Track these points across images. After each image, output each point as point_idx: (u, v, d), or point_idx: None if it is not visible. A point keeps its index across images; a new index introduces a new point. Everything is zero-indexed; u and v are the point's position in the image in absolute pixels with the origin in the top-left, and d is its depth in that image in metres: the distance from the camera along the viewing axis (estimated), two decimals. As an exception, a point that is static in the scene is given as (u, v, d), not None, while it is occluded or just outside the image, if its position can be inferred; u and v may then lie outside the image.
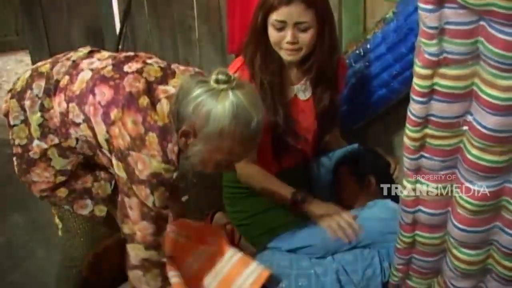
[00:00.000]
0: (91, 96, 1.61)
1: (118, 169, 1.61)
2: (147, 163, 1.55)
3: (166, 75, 1.66)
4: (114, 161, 1.61)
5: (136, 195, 1.60)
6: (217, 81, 1.50)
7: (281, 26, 1.87)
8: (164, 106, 1.58)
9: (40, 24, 4.25)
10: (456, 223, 1.52)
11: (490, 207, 1.46)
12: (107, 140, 1.60)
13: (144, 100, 1.57)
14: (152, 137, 1.55)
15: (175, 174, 1.60)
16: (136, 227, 1.65)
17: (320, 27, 1.89)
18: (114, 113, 1.57)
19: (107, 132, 1.58)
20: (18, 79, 1.81)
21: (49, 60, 1.80)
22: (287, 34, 1.87)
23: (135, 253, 1.69)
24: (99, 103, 1.59)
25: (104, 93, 1.59)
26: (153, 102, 1.58)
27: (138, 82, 1.60)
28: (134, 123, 1.55)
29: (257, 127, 1.53)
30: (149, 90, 1.60)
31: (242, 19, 2.77)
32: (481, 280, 1.63)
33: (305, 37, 1.88)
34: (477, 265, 1.58)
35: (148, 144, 1.55)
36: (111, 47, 4.25)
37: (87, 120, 1.62)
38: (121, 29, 4.16)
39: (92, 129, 1.62)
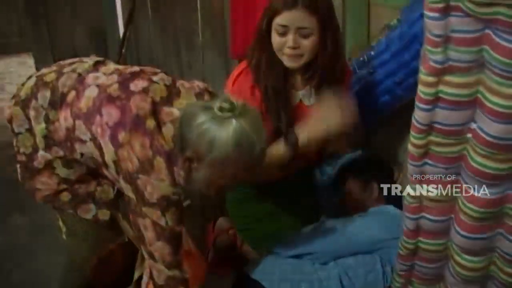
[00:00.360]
0: (98, 117, 1.62)
1: (127, 191, 1.63)
2: (156, 186, 1.58)
3: (171, 95, 1.68)
4: (122, 183, 1.63)
5: (148, 216, 1.62)
6: (221, 109, 1.51)
7: (283, 30, 1.87)
8: (169, 129, 1.61)
9: (44, 27, 4.27)
10: (459, 230, 1.52)
11: (493, 214, 1.46)
12: (114, 162, 1.61)
13: (151, 123, 1.59)
14: (160, 162, 1.57)
15: (182, 196, 1.63)
16: (153, 248, 1.66)
17: (322, 34, 1.89)
18: (122, 136, 1.58)
19: (115, 154, 1.59)
20: (22, 85, 1.81)
21: (54, 68, 1.80)
22: (288, 39, 1.87)
23: (157, 272, 1.70)
24: (107, 124, 1.60)
25: (111, 114, 1.61)
26: (159, 125, 1.61)
27: (145, 102, 1.62)
28: (142, 146, 1.57)
29: (260, 154, 1.55)
30: (155, 111, 1.62)
31: (245, 24, 2.78)
32: (483, 286, 1.63)
33: (307, 44, 1.88)
34: (479, 272, 1.58)
35: (157, 168, 1.57)
36: (114, 51, 4.27)
37: (93, 139, 1.64)
38: (124, 32, 4.18)
39: (99, 148, 1.64)
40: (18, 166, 1.81)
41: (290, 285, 1.89)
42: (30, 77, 1.83)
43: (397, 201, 1.92)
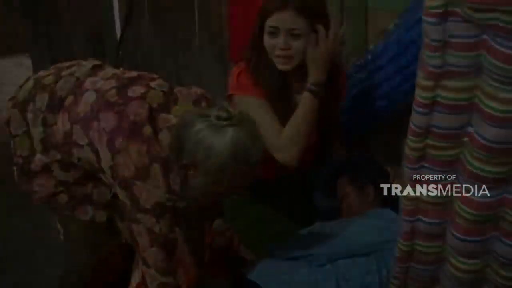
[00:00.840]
0: (95, 122, 1.63)
1: (122, 196, 1.64)
2: (152, 193, 1.59)
3: (168, 101, 1.69)
4: (117, 188, 1.64)
5: (142, 222, 1.63)
6: (218, 118, 1.53)
7: (274, 32, 1.88)
8: (165, 136, 1.62)
9: (42, 28, 4.25)
10: (454, 232, 1.53)
11: (489, 217, 1.47)
12: (111, 167, 1.62)
13: (147, 130, 1.60)
14: (156, 168, 1.58)
15: (177, 203, 1.64)
16: (146, 254, 1.67)
17: (313, 36, 1.89)
18: (119, 142, 1.59)
19: (112, 159, 1.60)
20: (20, 87, 1.81)
21: (52, 71, 1.81)
22: (279, 40, 1.88)
23: (150, 278, 1.71)
24: (104, 129, 1.61)
25: (108, 120, 1.62)
26: (156, 131, 1.61)
27: (142, 108, 1.62)
28: (139, 153, 1.58)
29: (257, 162, 1.57)
30: (152, 118, 1.63)
31: (244, 26, 2.79)
32: (479, 289, 1.65)
33: (297, 45, 1.88)
34: (474, 274, 1.59)
35: (153, 175, 1.58)
36: (111, 52, 4.27)
37: (90, 144, 1.64)
38: (121, 34, 4.17)
39: (96, 153, 1.64)
40: (14, 168, 1.81)
41: (287, 286, 1.90)
42: (28, 79, 1.83)
43: (393, 204, 1.93)
